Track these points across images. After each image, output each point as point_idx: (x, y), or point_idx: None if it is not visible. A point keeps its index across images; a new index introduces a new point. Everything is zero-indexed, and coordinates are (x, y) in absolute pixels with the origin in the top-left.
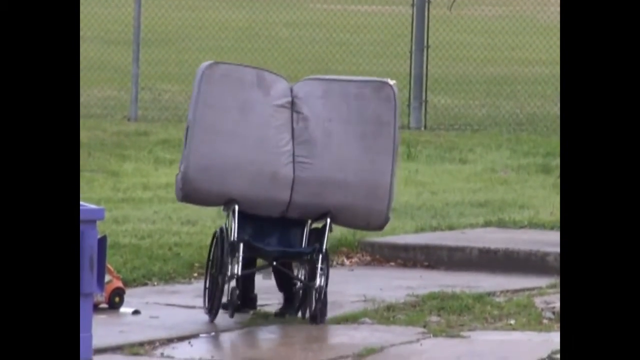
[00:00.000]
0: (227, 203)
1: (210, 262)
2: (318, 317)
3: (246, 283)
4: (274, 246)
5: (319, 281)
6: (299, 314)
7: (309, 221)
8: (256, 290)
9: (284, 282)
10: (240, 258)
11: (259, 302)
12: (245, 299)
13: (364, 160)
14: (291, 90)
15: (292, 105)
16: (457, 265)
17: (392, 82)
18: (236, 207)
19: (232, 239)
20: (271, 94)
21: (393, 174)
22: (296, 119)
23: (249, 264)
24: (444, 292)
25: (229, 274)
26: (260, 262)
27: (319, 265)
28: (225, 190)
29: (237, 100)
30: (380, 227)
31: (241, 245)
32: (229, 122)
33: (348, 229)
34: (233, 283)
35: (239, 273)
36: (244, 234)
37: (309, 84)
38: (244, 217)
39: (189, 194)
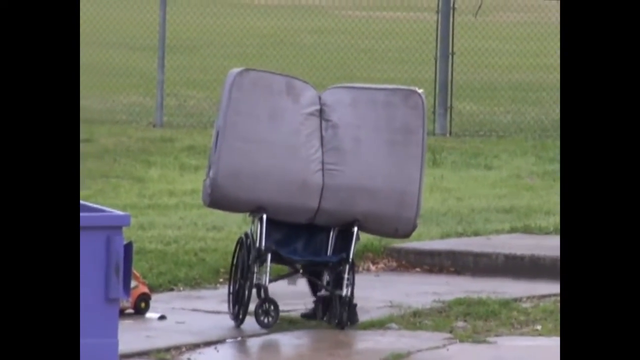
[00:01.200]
0: (255, 210)
1: (235, 267)
2: (344, 324)
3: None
4: (301, 254)
5: (345, 291)
6: (325, 319)
7: (335, 228)
8: (282, 296)
9: (314, 287)
10: (268, 268)
11: (284, 308)
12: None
13: (392, 168)
14: (319, 98)
15: (321, 113)
16: (483, 271)
17: (420, 90)
18: (264, 216)
19: (259, 246)
20: (300, 101)
21: (421, 182)
22: (325, 127)
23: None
24: (470, 297)
25: (257, 283)
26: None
27: (346, 275)
28: (254, 197)
29: (267, 108)
30: (407, 234)
31: (269, 255)
32: (259, 129)
33: (374, 236)
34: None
35: (267, 284)
36: (271, 243)
37: (337, 92)
38: (270, 224)
39: (218, 199)
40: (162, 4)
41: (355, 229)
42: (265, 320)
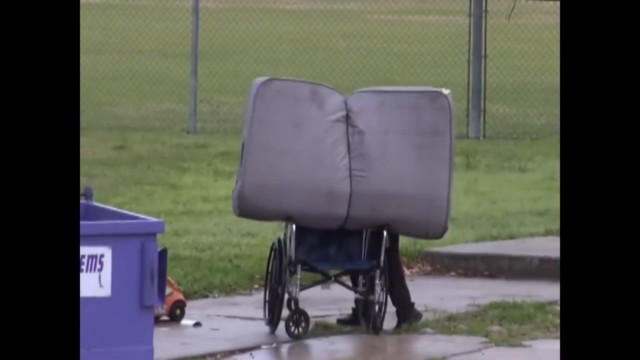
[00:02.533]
0: (284, 220)
1: (269, 274)
2: (378, 328)
3: None
4: (333, 261)
5: (377, 296)
6: (363, 324)
7: (367, 230)
8: (317, 301)
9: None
10: (298, 279)
11: (319, 313)
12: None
13: (420, 172)
14: (345, 104)
15: (347, 119)
16: (518, 275)
17: (446, 91)
18: (293, 227)
19: (290, 257)
20: (325, 108)
21: (450, 184)
22: (351, 133)
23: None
24: (505, 301)
25: (287, 295)
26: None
27: (377, 281)
28: (281, 208)
29: (291, 117)
30: (438, 237)
31: (299, 266)
32: (284, 139)
33: (409, 239)
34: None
35: (297, 296)
36: (302, 252)
37: (363, 96)
38: (301, 231)
39: (246, 211)
40: (195, 11)
41: (385, 234)
42: (296, 332)
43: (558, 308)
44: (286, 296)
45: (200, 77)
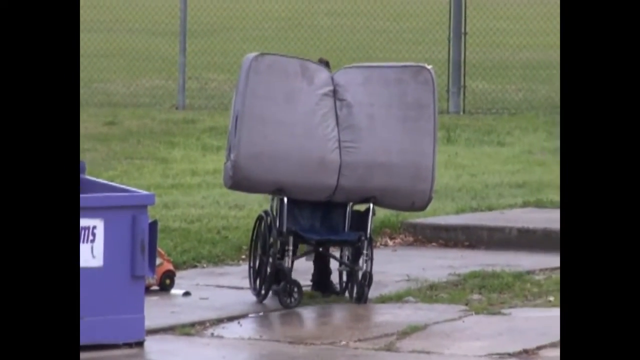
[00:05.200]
0: (275, 191)
1: (255, 244)
2: (363, 298)
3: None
4: (319, 233)
5: (364, 266)
6: (346, 294)
7: (351, 204)
8: (302, 272)
9: (321, 264)
10: (291, 251)
11: (305, 283)
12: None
13: (406, 143)
14: (332, 79)
15: (335, 93)
16: (497, 245)
17: (429, 66)
18: (285, 199)
19: (281, 229)
20: (315, 82)
21: (434, 155)
22: (339, 106)
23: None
24: (485, 271)
25: (279, 264)
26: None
27: (365, 252)
28: (274, 177)
29: (283, 90)
30: (423, 207)
31: (291, 237)
32: (277, 111)
33: (391, 212)
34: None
35: (290, 265)
36: (292, 224)
37: (349, 72)
38: (289, 204)
39: (240, 181)
40: None
41: (371, 205)
42: (289, 301)
43: (536, 277)
44: (278, 267)
45: (189, 55)
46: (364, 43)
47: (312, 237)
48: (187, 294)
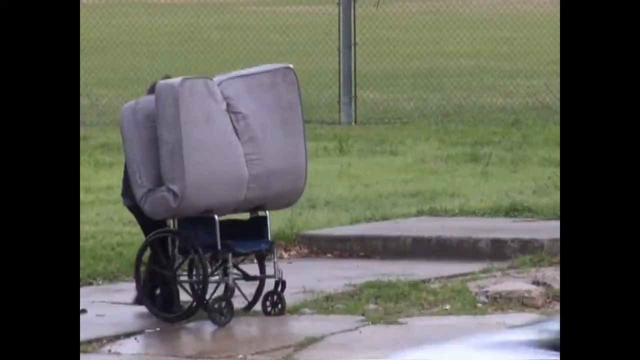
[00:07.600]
0: (204, 212)
1: (157, 266)
2: (285, 306)
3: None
4: (246, 245)
5: (279, 273)
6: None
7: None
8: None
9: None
10: (230, 267)
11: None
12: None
13: (289, 146)
14: (222, 93)
15: (229, 107)
16: (392, 254)
17: (291, 65)
18: (216, 217)
19: (216, 246)
20: (217, 100)
21: (306, 153)
22: (235, 119)
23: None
24: (381, 280)
25: (223, 282)
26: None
27: (275, 259)
28: (211, 201)
29: (203, 113)
30: (295, 202)
31: (230, 254)
32: (206, 136)
33: (286, 223)
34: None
35: (231, 282)
36: (225, 241)
37: (231, 83)
38: (211, 220)
39: (182, 211)
40: None
41: (267, 212)
42: (222, 319)
43: (432, 286)
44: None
45: (80, 71)
46: (254, 56)
47: (242, 251)
48: (83, 311)
